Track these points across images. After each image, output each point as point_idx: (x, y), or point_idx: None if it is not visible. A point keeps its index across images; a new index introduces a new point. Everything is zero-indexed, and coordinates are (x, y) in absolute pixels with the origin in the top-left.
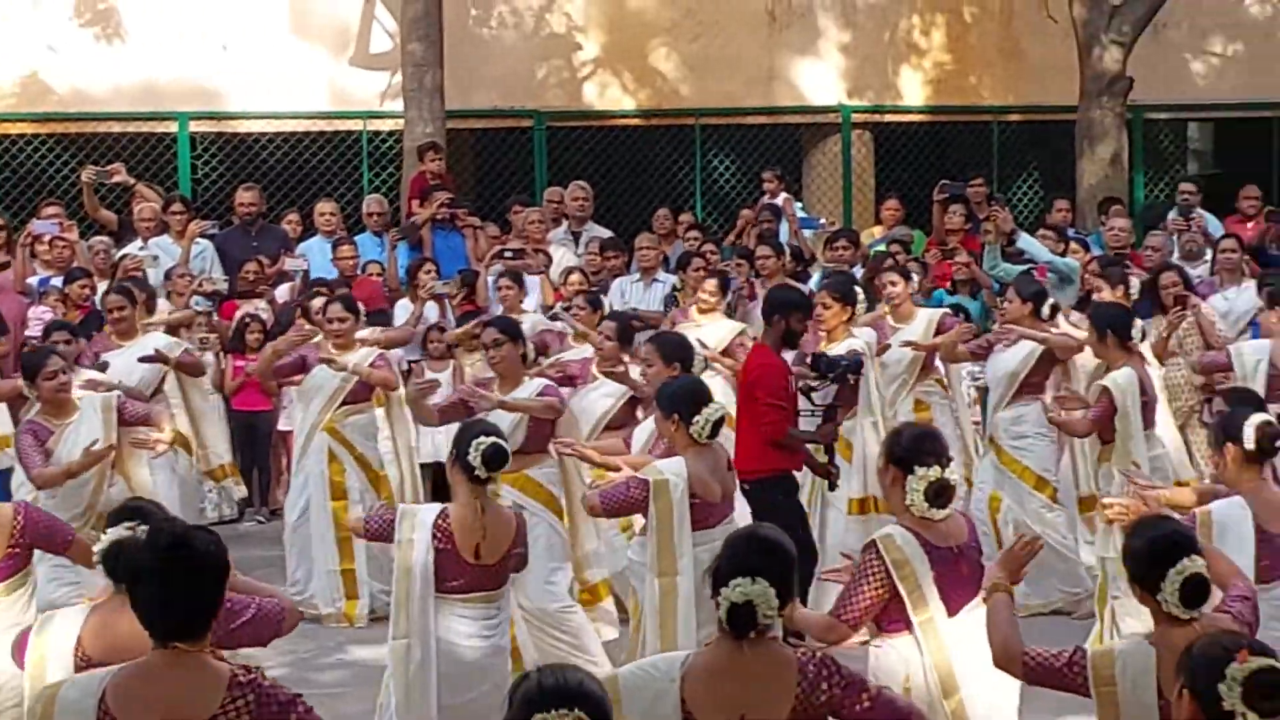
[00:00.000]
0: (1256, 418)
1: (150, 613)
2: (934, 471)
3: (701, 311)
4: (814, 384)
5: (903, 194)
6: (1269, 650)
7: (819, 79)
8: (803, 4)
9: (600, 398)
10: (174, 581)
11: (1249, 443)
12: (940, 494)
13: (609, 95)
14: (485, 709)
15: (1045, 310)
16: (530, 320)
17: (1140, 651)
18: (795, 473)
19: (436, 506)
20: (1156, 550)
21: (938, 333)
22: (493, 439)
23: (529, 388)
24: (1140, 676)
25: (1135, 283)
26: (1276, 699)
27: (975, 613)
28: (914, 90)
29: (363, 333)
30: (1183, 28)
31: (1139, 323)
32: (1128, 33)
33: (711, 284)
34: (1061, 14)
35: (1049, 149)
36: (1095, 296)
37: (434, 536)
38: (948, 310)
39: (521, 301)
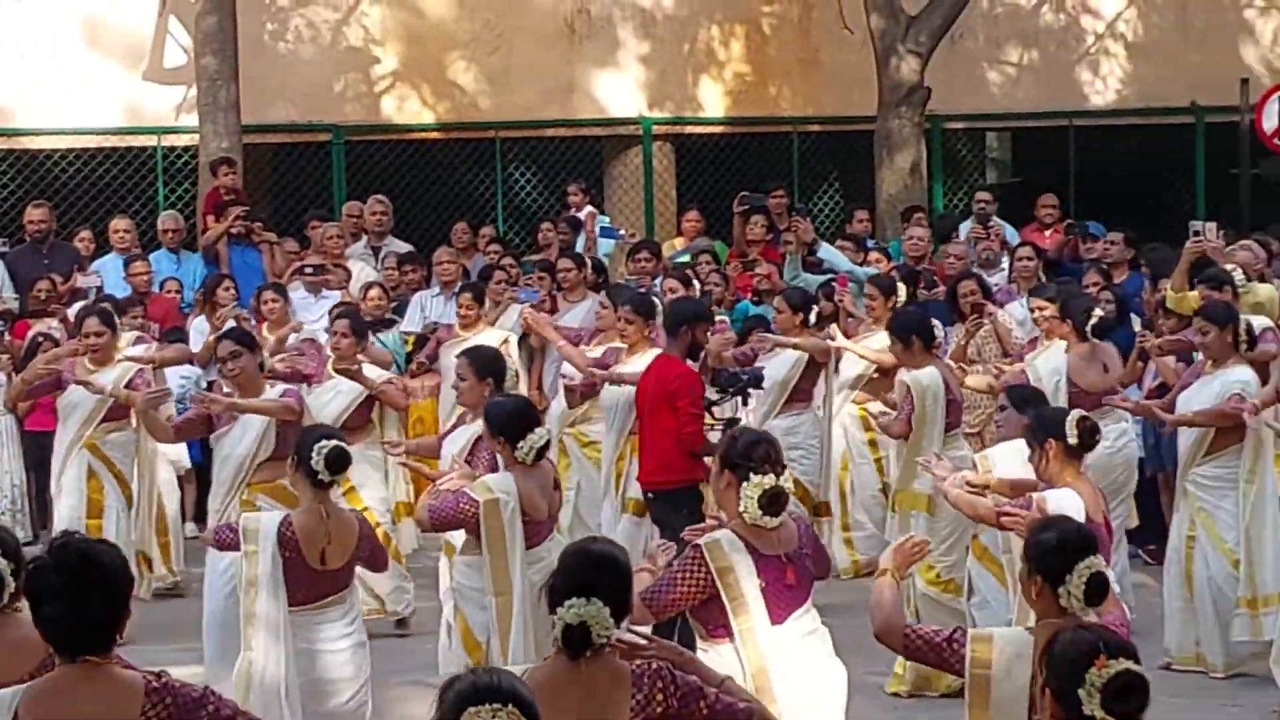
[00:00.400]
0: (1075, 413)
1: (60, 630)
2: (768, 480)
3: (464, 327)
4: (715, 398)
5: (704, 205)
6: (1128, 648)
7: (619, 91)
8: (602, 16)
9: (335, 396)
10: (86, 598)
11: (1071, 437)
12: (773, 502)
13: (408, 109)
14: (357, 706)
15: (813, 318)
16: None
17: (1019, 639)
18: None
19: (279, 514)
20: (1067, 543)
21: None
22: (334, 442)
23: (270, 394)
24: (1015, 663)
25: (902, 290)
26: (1134, 700)
27: (801, 620)
28: (714, 101)
29: (135, 349)
30: (979, 38)
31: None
32: (924, 43)
33: (466, 298)
34: (859, 25)
35: (849, 159)
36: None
37: (280, 545)
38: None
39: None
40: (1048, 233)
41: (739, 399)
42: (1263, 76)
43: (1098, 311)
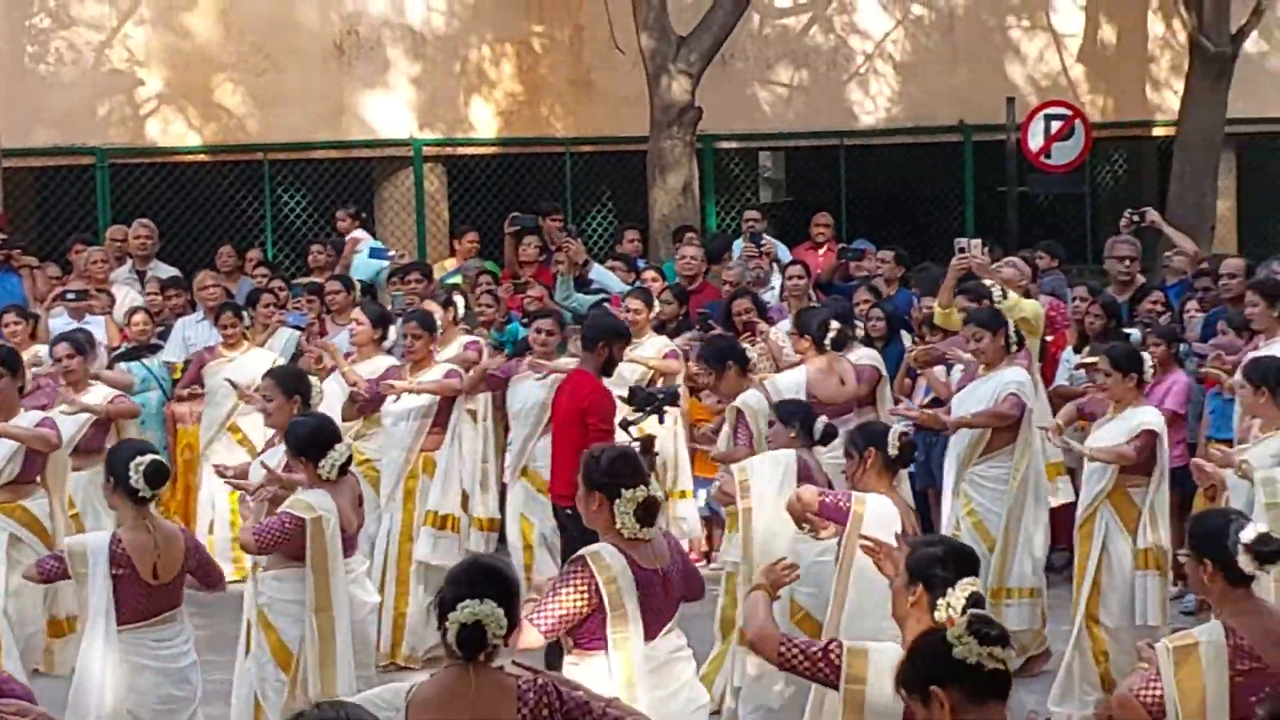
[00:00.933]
0: (898, 427)
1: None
2: (640, 492)
3: (228, 346)
4: (631, 417)
5: (477, 226)
6: (976, 600)
7: (389, 112)
8: (371, 37)
9: (68, 422)
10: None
11: (892, 449)
12: (649, 512)
13: (173, 131)
14: None
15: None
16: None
17: (892, 653)
18: None
19: (104, 534)
20: (951, 557)
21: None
22: (150, 456)
23: (23, 419)
24: (889, 677)
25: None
26: (995, 626)
27: (669, 638)
28: (486, 122)
29: None
30: (749, 58)
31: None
32: (695, 63)
33: (228, 316)
34: (630, 45)
35: (622, 179)
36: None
37: (111, 564)
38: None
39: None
40: (821, 252)
41: (656, 416)
42: (1029, 95)
43: (834, 324)
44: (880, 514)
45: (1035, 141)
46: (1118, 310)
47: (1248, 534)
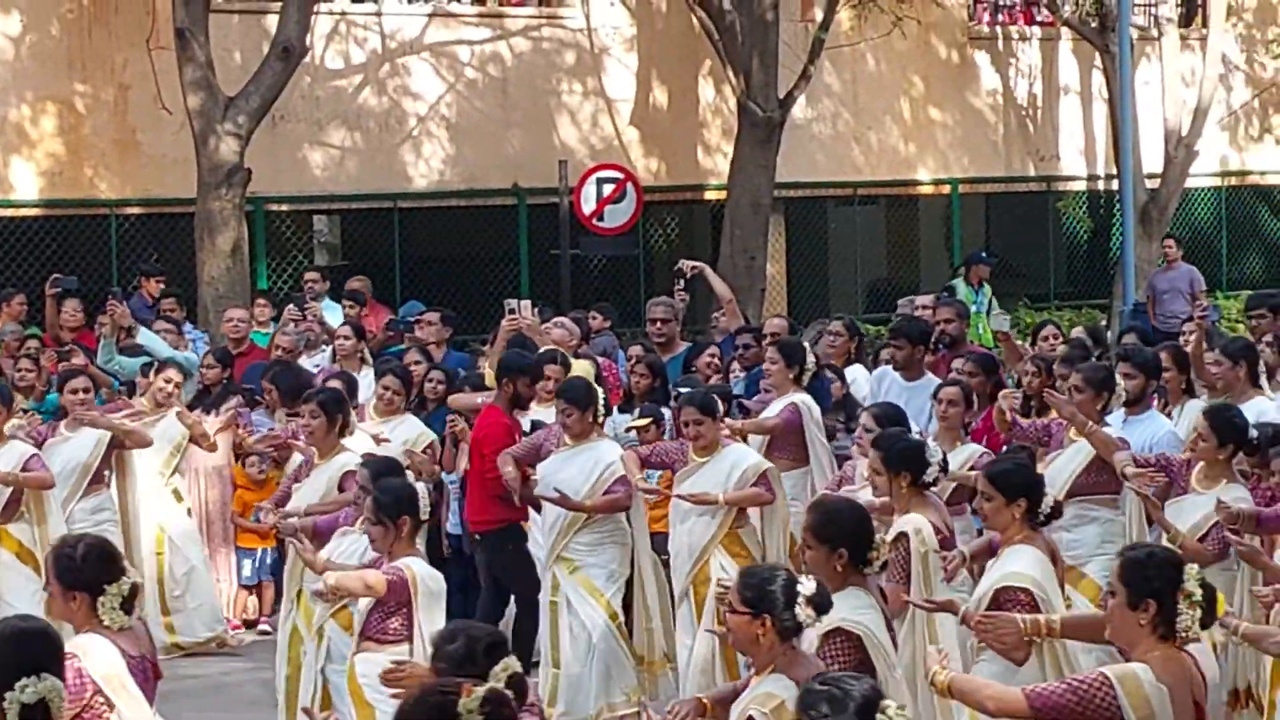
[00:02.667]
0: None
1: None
2: (125, 584)
3: None
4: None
5: (22, 289)
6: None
7: None
8: None
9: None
10: None
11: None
12: (132, 600)
13: None
14: None
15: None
16: None
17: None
18: (523, 524)
19: None
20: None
21: None
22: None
23: None
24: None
25: None
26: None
27: None
28: (28, 183)
29: None
30: (301, 119)
31: None
32: (244, 124)
33: None
34: (176, 105)
35: (170, 241)
36: None
37: None
38: None
39: None
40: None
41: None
42: (582, 158)
43: None
44: None
45: (588, 205)
46: (663, 369)
47: (806, 587)
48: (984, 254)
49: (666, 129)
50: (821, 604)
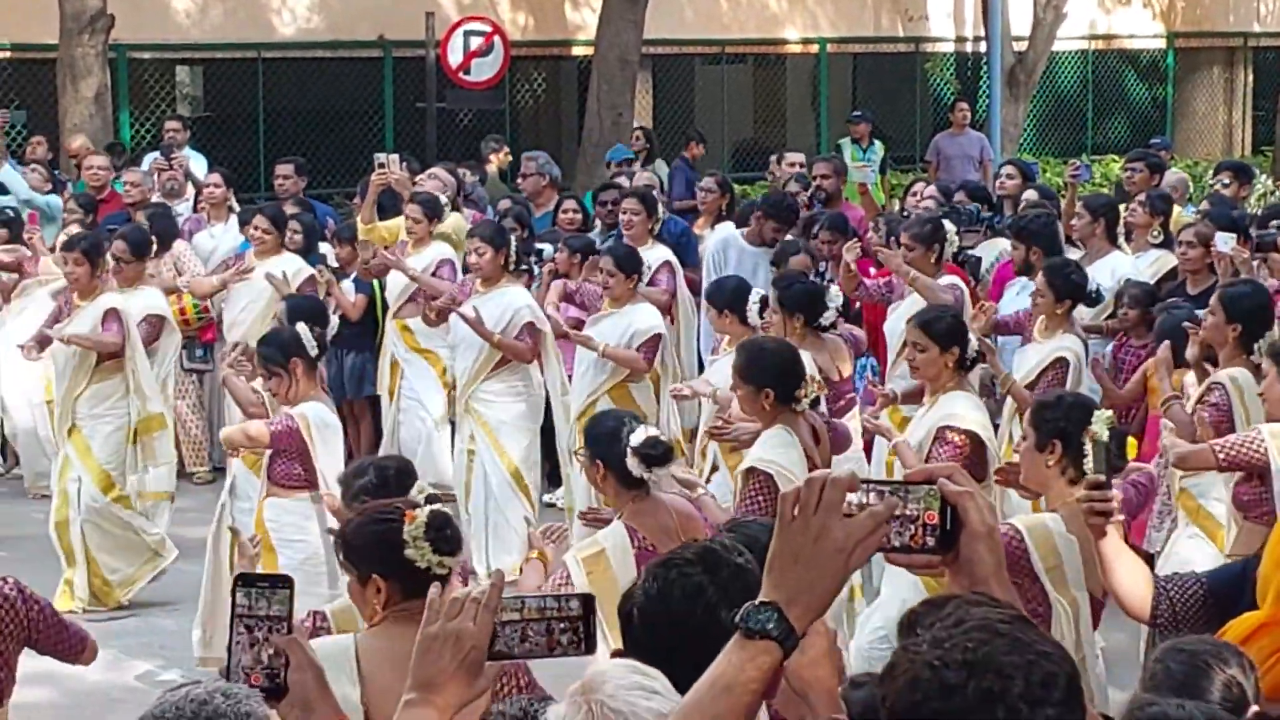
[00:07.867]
0: None
1: None
2: None
3: None
4: None
5: None
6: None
7: None
8: None
9: None
10: None
11: None
12: None
13: None
14: None
15: None
16: None
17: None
18: None
19: None
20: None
21: None
22: None
23: None
24: None
25: None
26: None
27: None
28: None
29: None
30: None
31: None
32: None
33: None
34: None
35: (34, 87)
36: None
37: None
38: None
39: None
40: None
41: None
42: (449, 11)
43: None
44: None
45: (455, 58)
46: (529, 221)
47: (637, 437)
48: (857, 113)
49: None
50: (650, 456)
